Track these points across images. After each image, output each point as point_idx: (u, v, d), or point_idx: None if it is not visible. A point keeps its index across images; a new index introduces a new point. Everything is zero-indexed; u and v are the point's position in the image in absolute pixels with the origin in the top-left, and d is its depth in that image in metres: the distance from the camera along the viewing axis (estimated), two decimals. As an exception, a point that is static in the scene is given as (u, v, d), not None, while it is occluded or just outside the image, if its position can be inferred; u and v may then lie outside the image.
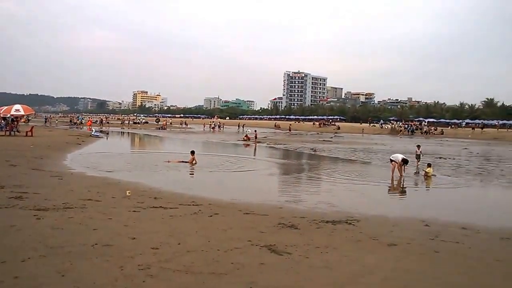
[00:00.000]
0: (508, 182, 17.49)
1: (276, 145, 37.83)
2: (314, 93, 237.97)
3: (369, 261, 6.72)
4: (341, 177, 17.66)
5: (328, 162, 24.52)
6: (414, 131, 73.82)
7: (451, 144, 47.61)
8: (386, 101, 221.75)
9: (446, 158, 27.18)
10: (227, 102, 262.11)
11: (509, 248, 7.87)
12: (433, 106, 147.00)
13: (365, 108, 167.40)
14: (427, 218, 10.06)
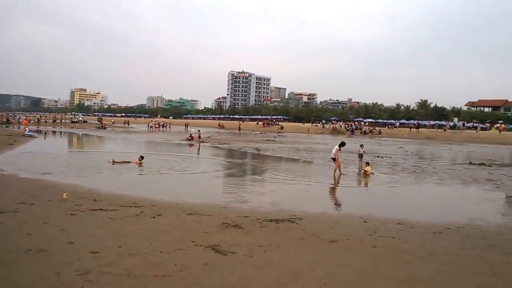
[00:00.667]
0: (440, 179, 18.41)
1: (220, 145, 37.77)
2: (258, 93, 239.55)
3: (311, 258, 6.88)
4: (285, 176, 17.92)
5: (271, 161, 24.78)
6: (354, 131, 76.14)
7: (388, 143, 49.51)
8: (328, 101, 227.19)
9: (383, 157, 28.24)
10: (171, 101, 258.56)
11: (441, 242, 8.29)
12: (372, 107, 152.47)
13: (307, 108, 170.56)
14: (366, 215, 10.43)
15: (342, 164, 19.51)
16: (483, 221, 10.39)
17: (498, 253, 7.57)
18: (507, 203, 14.23)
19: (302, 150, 33.42)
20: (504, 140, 58.52)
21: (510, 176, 19.95)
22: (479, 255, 7.42)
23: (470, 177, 19.15)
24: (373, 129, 79.95)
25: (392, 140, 57.93)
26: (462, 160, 28.69)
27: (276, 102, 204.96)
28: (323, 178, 17.74)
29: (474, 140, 59.17)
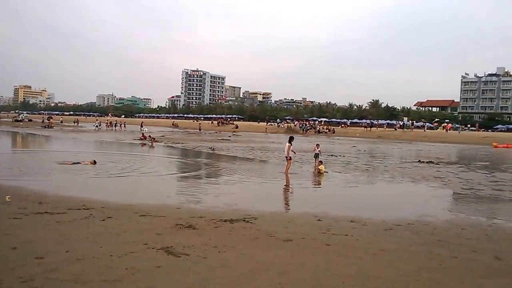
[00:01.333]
0: (391, 177, 18.93)
1: (174, 144, 37.26)
2: (212, 91, 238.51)
3: (266, 258, 6.86)
4: (240, 175, 17.88)
5: (226, 161, 24.66)
6: (308, 130, 77.17)
7: (342, 142, 50.51)
8: (283, 100, 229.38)
9: (337, 156, 28.74)
10: (122, 100, 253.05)
11: (392, 238, 8.48)
12: (326, 106, 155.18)
13: (262, 107, 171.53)
14: (320, 213, 10.53)
15: (296, 164, 19.68)
16: (431, 217, 10.72)
17: (446, 248, 7.82)
18: (454, 199, 14.78)
19: (257, 150, 33.51)
20: (450, 139, 61.15)
21: (457, 174, 20.77)
22: (428, 251, 7.63)
23: (419, 175, 19.79)
24: (327, 128, 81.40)
25: (345, 139, 59.16)
26: (411, 159, 29.65)
27: (231, 101, 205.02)
28: (278, 177, 17.82)
29: (422, 139, 61.44)
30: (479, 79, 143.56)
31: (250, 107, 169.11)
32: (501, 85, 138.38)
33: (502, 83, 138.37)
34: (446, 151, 40.55)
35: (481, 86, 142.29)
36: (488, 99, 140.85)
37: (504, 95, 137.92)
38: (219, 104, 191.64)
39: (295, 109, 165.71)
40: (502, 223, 10.47)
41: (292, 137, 19.47)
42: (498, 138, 59.98)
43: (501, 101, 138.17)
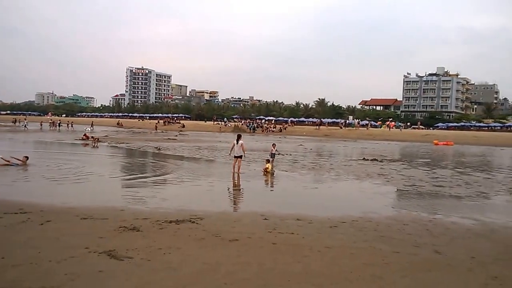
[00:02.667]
0: (337, 175, 19.31)
1: (118, 144, 36.29)
2: (158, 90, 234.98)
3: (212, 258, 6.78)
4: (186, 175, 17.64)
5: (173, 160, 24.26)
6: (255, 129, 77.56)
7: (289, 141, 51.09)
8: (230, 99, 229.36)
9: (284, 154, 28.94)
10: (63, 98, 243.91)
11: (337, 235, 8.62)
12: (273, 105, 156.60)
13: (209, 106, 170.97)
14: (266, 212, 10.55)
15: (243, 163, 19.65)
16: (375, 213, 11.00)
17: (388, 244, 8.03)
18: (397, 196, 15.25)
19: (204, 149, 33.26)
20: (393, 136, 63.40)
21: (400, 171, 21.48)
22: (371, 246, 7.81)
23: (364, 172, 20.30)
24: (274, 127, 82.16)
25: (292, 137, 59.92)
26: (356, 156, 30.44)
27: (177, 100, 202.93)
28: (226, 176, 17.74)
29: (367, 137, 63.30)
30: (420, 79, 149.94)
31: (197, 106, 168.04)
32: (441, 85, 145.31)
33: (442, 83, 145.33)
34: (389, 148, 41.94)
35: (422, 85, 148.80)
36: (429, 98, 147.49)
37: (444, 94, 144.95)
38: (165, 103, 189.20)
39: (242, 107, 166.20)
40: (441, 218, 10.87)
41: (240, 135, 19.39)
42: (438, 135, 62.89)
43: (441, 100, 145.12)
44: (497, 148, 48.15)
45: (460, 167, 24.96)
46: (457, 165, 26.87)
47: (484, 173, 21.82)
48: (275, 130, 78.21)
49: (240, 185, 16.02)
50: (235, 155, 18.47)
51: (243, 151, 18.46)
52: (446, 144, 51.46)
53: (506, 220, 10.89)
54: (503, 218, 11.08)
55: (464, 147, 48.72)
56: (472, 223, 10.30)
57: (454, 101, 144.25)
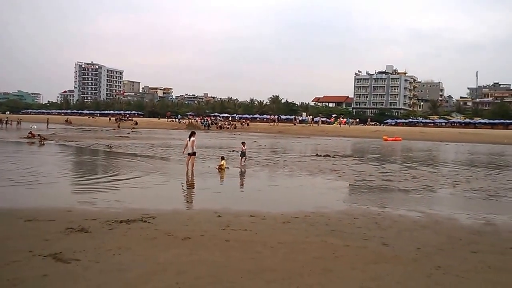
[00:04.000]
0: (290, 171, 19.52)
1: (67, 142, 35.11)
2: (109, 86, 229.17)
3: (164, 258, 6.70)
4: (138, 174, 17.27)
5: (125, 159, 23.74)
6: (210, 126, 77.20)
7: (243, 138, 51.05)
8: (184, 96, 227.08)
9: (238, 151, 28.92)
10: (7, 94, 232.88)
11: (289, 231, 8.71)
12: (227, 102, 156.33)
13: (163, 103, 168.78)
14: (220, 209, 10.51)
15: (198, 160, 19.51)
16: (327, 208, 11.20)
17: (339, 238, 8.20)
18: (348, 190, 15.61)
19: (157, 146, 32.77)
20: (345, 133, 64.81)
21: (351, 166, 21.97)
22: (323, 241, 7.95)
23: (317, 168, 20.62)
24: (228, 124, 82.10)
25: (247, 134, 60.03)
26: (310, 152, 30.87)
27: (130, 97, 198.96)
28: (179, 174, 17.54)
29: (320, 133, 64.41)
30: (370, 76, 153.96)
31: (150, 103, 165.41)
32: (390, 82, 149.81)
33: (391, 80, 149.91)
34: (341, 144, 42.85)
35: (372, 83, 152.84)
36: (378, 95, 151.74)
37: (393, 91, 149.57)
38: (116, 99, 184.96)
39: (196, 104, 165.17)
40: (390, 211, 11.20)
41: (194, 132, 19.19)
42: (387, 131, 64.86)
43: (390, 97, 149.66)
44: (442, 143, 50.23)
45: (408, 162, 25.85)
46: (405, 160, 27.82)
47: (430, 167, 22.70)
48: (229, 127, 78.12)
49: (194, 182, 15.89)
50: (188, 152, 18.28)
51: (193, 148, 18.25)
52: (394, 139, 53.15)
53: (449, 212, 11.36)
54: (447, 210, 11.56)
55: (411, 142, 50.49)
56: (418, 216, 10.68)
57: (402, 98, 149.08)
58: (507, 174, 20.45)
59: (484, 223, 10.13)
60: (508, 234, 9.11)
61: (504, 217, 10.85)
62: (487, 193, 14.77)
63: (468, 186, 16.12)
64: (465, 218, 10.62)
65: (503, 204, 13.01)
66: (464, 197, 14.12)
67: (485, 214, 11.06)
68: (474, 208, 12.02)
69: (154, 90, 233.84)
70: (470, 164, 25.84)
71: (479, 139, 55.19)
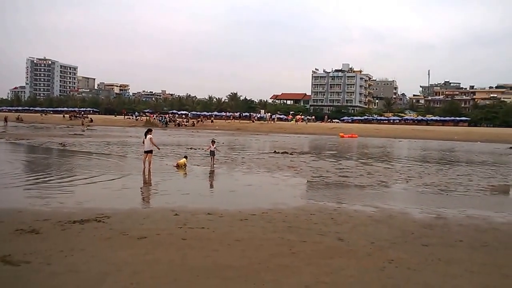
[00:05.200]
0: (248, 168, 19.55)
1: (17, 141, 33.79)
2: (63, 82, 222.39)
3: (119, 258, 6.58)
4: (93, 172, 16.83)
5: (79, 157, 23.11)
6: (168, 123, 76.27)
7: (201, 135, 50.90)
8: (141, 93, 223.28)
9: (196, 149, 28.80)
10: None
11: (247, 228, 8.74)
12: (186, 99, 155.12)
13: (119, 99, 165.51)
14: (177, 208, 10.42)
15: (155, 157, 19.23)
16: (284, 205, 11.29)
17: (295, 234, 8.30)
18: (305, 187, 15.79)
19: (113, 144, 32.07)
20: (303, 130, 65.62)
21: (308, 163, 22.25)
22: (280, 237, 8.02)
23: (275, 165, 20.76)
24: (187, 121, 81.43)
25: (205, 131, 59.74)
26: (268, 150, 31.05)
27: (84, 93, 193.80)
28: (135, 172, 17.22)
29: (278, 130, 64.90)
30: (327, 75, 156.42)
31: (106, 100, 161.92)
32: (346, 80, 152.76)
33: (347, 79, 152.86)
34: (299, 142, 43.31)
35: (329, 81, 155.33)
36: (335, 93, 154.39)
37: (349, 89, 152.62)
38: (71, 96, 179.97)
39: (154, 101, 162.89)
40: (346, 206, 11.42)
41: (150, 130, 18.86)
42: (344, 129, 66.10)
43: (347, 94, 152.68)
44: (396, 140, 51.69)
45: (363, 158, 26.48)
46: (361, 156, 28.48)
47: (384, 163, 23.32)
48: (188, 124, 77.48)
49: (151, 180, 15.66)
50: (144, 150, 17.99)
51: (153, 145, 17.95)
52: (351, 136, 54.24)
53: (402, 206, 11.71)
54: (400, 205, 11.91)
55: (367, 139, 51.68)
56: (373, 211, 10.95)
57: (358, 96, 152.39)
58: (457, 169, 21.28)
59: (435, 217, 10.50)
60: (457, 227, 9.47)
61: (454, 211, 11.27)
62: (438, 187, 15.32)
63: (420, 181, 16.67)
64: (417, 212, 10.97)
65: (453, 198, 13.51)
66: (417, 192, 14.58)
67: (436, 208, 11.46)
68: (426, 203, 12.43)
69: (110, 87, 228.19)
70: (422, 160, 26.73)
71: (430, 136, 57.21)
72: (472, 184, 16.29)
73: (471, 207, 11.95)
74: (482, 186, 15.95)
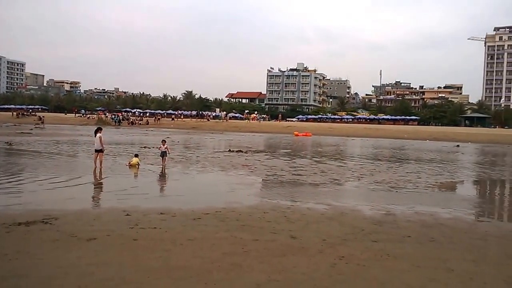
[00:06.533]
0: (203, 167, 19.45)
1: (-40, 140, 32.13)
2: (10, 79, 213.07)
3: (66, 261, 6.38)
4: (42, 172, 16.24)
5: (26, 156, 22.20)
6: (121, 121, 74.67)
7: (156, 134, 50.17)
8: (93, 90, 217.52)
9: (150, 148, 28.31)
10: None
11: (200, 227, 8.68)
12: (140, 97, 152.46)
13: (70, 97, 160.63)
14: (128, 208, 10.22)
15: (108, 157, 18.78)
16: (238, 203, 11.30)
17: (248, 232, 8.32)
18: (259, 185, 15.86)
19: (63, 143, 31.04)
20: (257, 129, 65.95)
21: (263, 161, 22.37)
22: (232, 236, 8.02)
23: (229, 164, 20.75)
24: (140, 120, 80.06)
25: (160, 130, 58.92)
26: (223, 148, 30.98)
27: (33, 90, 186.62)
28: (86, 172, 16.73)
29: (234, 129, 64.93)
30: (282, 73, 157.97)
31: (56, 97, 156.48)
32: (301, 79, 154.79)
33: (302, 78, 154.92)
34: (254, 140, 43.49)
35: (284, 79, 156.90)
36: (290, 92, 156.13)
37: (304, 88, 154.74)
38: (18, 93, 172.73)
39: (107, 99, 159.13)
40: (299, 205, 11.56)
41: (100, 128, 18.36)
42: (298, 127, 66.92)
43: (301, 93, 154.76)
44: (349, 138, 52.89)
45: (317, 157, 26.91)
46: (315, 154, 28.93)
47: (337, 162, 23.81)
48: (141, 122, 76.15)
49: (102, 180, 15.27)
50: (95, 149, 17.53)
51: (101, 144, 17.47)
52: (305, 135, 55.01)
53: (354, 203, 11.99)
54: (352, 202, 12.20)
55: (321, 137, 52.59)
56: (325, 208, 11.14)
57: (312, 95, 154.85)
58: (407, 167, 22.00)
59: (384, 213, 10.81)
60: (406, 223, 9.79)
61: (403, 207, 11.65)
62: (389, 185, 15.79)
63: (371, 179, 17.11)
64: (368, 209, 11.26)
65: (402, 195, 13.94)
66: (368, 190, 14.95)
67: (386, 205, 11.81)
68: (376, 200, 12.77)
69: (60, 84, 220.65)
70: (374, 158, 27.48)
71: (382, 134, 58.90)
72: (421, 182, 16.88)
73: (419, 203, 12.39)
74: (430, 183, 16.56)
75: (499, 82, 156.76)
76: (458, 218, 10.64)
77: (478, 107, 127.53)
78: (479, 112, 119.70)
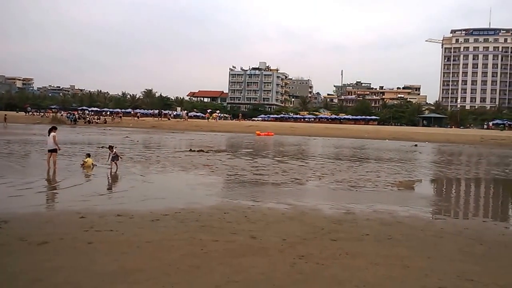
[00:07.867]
0: (162, 167, 19.11)
1: None
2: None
3: (15, 266, 6.13)
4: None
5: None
6: (77, 120, 72.64)
7: (114, 133, 49.08)
8: (47, 88, 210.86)
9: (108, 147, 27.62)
10: None
11: (158, 229, 8.47)
12: (97, 95, 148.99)
13: (22, 94, 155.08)
14: (83, 210, 9.87)
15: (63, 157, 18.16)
16: (198, 204, 11.12)
17: (208, 233, 8.18)
18: (220, 185, 15.71)
19: (14, 143, 29.79)
20: (219, 128, 65.64)
21: (224, 161, 22.20)
22: (192, 237, 7.87)
23: (190, 164, 20.47)
24: (98, 118, 78.27)
25: (118, 129, 57.65)
26: (184, 148, 30.59)
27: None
28: (39, 173, 16.10)
29: (195, 128, 64.34)
30: (244, 72, 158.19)
31: (7, 94, 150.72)
32: (263, 79, 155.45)
33: (264, 77, 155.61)
34: (216, 139, 43.20)
35: (246, 78, 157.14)
36: (252, 91, 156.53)
37: (266, 87, 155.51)
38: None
39: (62, 97, 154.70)
40: (260, 204, 11.50)
41: (54, 127, 17.69)
42: (260, 127, 67.06)
43: (263, 92, 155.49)
44: (311, 138, 53.42)
45: (279, 156, 26.99)
46: (276, 154, 29.00)
47: (299, 161, 23.94)
48: (99, 121, 74.37)
49: (56, 181, 14.72)
50: (48, 148, 16.91)
51: (55, 144, 16.86)
52: (267, 134, 55.13)
53: (315, 203, 12.04)
54: (312, 201, 12.25)
55: (282, 137, 52.84)
56: (286, 208, 11.13)
57: (274, 94, 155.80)
58: (367, 166, 22.36)
59: (344, 212, 10.90)
60: (365, 222, 9.89)
61: (362, 206, 11.79)
62: (349, 184, 15.99)
63: (332, 178, 17.28)
64: (328, 208, 11.33)
65: (362, 194, 14.13)
66: (329, 189, 15.08)
67: (346, 204, 11.92)
68: (336, 199, 12.89)
69: (11, 80, 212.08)
70: (335, 157, 27.82)
71: (343, 134, 59.81)
72: (380, 180, 17.18)
73: (378, 202, 12.57)
74: (389, 182, 16.88)
75: (455, 83, 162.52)
76: (415, 216, 10.86)
77: (435, 107, 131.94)
78: (436, 112, 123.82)
